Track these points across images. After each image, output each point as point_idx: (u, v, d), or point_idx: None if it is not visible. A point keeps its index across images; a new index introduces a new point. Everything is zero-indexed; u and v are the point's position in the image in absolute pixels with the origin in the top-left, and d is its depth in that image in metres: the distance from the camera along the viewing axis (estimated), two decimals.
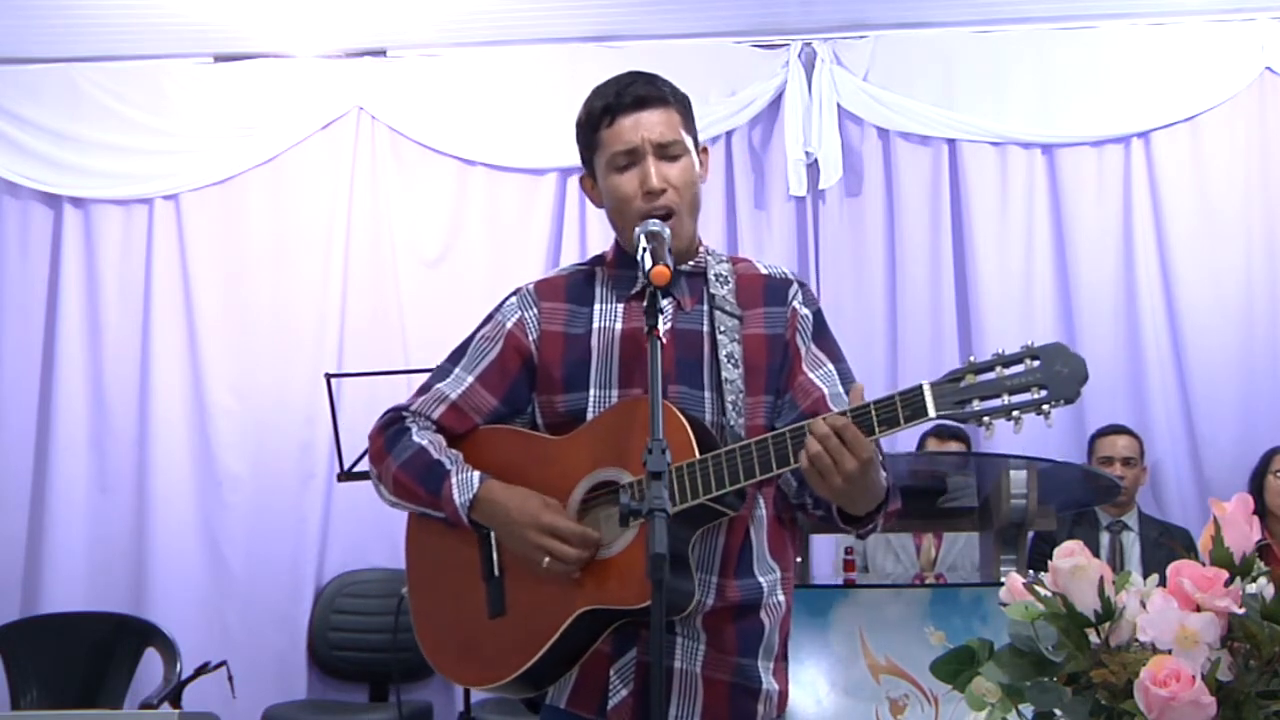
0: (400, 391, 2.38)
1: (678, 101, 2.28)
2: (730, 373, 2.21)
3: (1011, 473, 3.81)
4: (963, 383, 1.96)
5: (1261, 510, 4.69)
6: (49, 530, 5.81)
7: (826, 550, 5.18)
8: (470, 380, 2.32)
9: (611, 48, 5.88)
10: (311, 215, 5.98)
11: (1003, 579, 1.76)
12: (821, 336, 2.31)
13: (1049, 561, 1.63)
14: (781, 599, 2.25)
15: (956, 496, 4.07)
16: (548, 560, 2.14)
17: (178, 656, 5.08)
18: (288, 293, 5.94)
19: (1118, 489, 4.44)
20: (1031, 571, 1.75)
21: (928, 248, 5.81)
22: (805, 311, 2.31)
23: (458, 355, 2.36)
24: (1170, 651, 1.51)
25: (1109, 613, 1.58)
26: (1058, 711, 1.57)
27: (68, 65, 6.02)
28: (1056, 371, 1.92)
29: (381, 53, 6.01)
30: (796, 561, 2.35)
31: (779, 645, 2.26)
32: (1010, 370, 1.95)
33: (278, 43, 5.95)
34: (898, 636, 3.66)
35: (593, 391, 2.25)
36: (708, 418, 2.20)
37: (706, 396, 2.22)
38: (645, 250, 2.14)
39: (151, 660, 5.24)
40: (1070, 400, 1.93)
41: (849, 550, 4.70)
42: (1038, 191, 5.84)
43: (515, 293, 2.36)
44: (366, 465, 2.60)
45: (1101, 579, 1.58)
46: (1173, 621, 1.53)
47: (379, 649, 5.52)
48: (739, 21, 5.84)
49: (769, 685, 2.23)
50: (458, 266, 5.93)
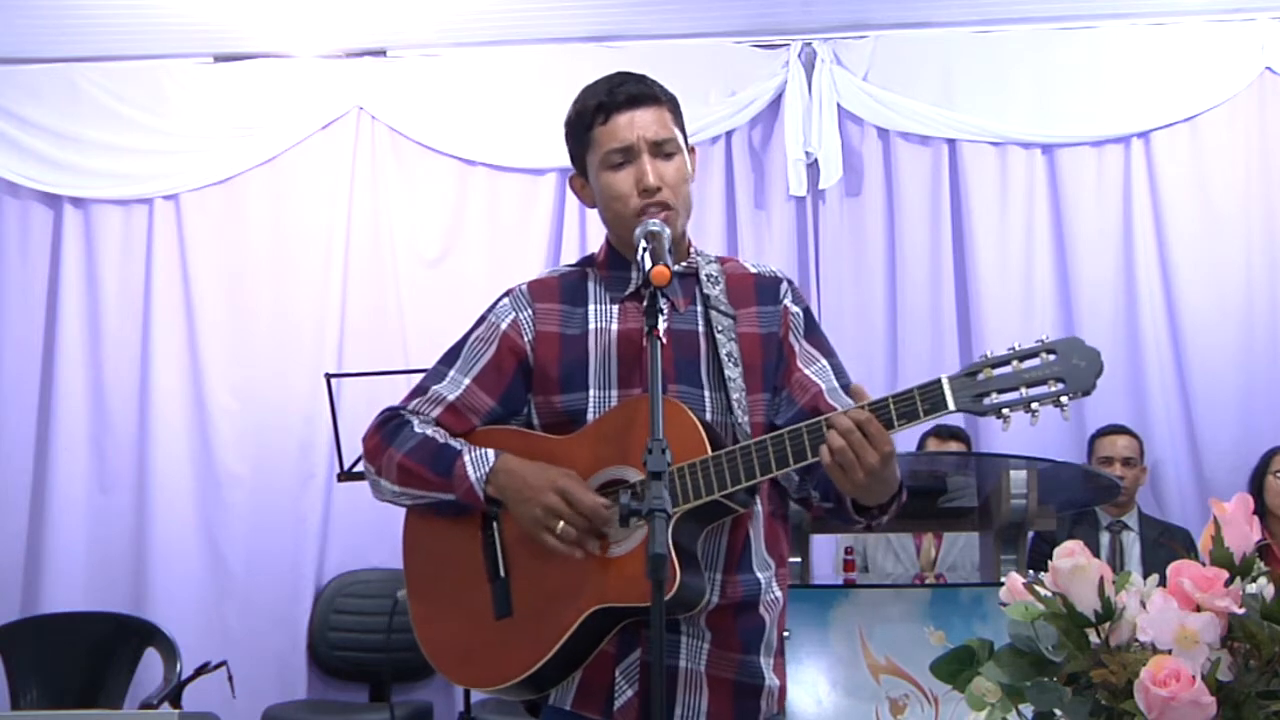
0: (400, 391, 2.37)
1: (668, 100, 2.29)
2: (732, 371, 2.22)
3: (1011, 473, 3.81)
4: (980, 376, 1.99)
5: (1261, 510, 4.70)
6: (49, 530, 5.81)
7: (826, 550, 5.18)
8: (467, 382, 2.32)
9: (611, 48, 5.88)
10: (311, 215, 5.99)
11: (1003, 579, 1.76)
12: (812, 333, 2.34)
13: (1049, 561, 1.63)
14: (778, 594, 2.27)
15: (956, 496, 4.08)
16: (561, 526, 2.11)
17: (178, 656, 5.07)
18: (288, 293, 5.94)
19: (1118, 489, 4.44)
20: (1031, 571, 1.75)
21: (928, 248, 5.81)
22: (796, 309, 2.33)
23: (451, 357, 2.35)
24: (1170, 651, 1.51)
25: (1109, 613, 1.58)
26: (1058, 711, 1.57)
27: (68, 65, 6.02)
28: (1074, 365, 1.94)
29: (381, 53, 6.01)
30: (795, 561, 2.35)
31: (778, 640, 2.27)
32: (1026, 364, 1.97)
33: (278, 43, 5.95)
34: (898, 636, 3.66)
35: (592, 392, 2.25)
36: (709, 417, 2.20)
37: (707, 395, 2.23)
38: (645, 250, 2.14)
39: (151, 660, 5.24)
40: (1087, 393, 1.95)
41: (849, 550, 4.71)
42: (1038, 191, 5.83)
43: (508, 294, 2.36)
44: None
45: (1101, 579, 1.58)
46: (1173, 621, 1.53)
47: (379, 649, 5.53)
48: (739, 21, 5.84)
49: (770, 681, 2.24)
50: (458, 266, 5.93)
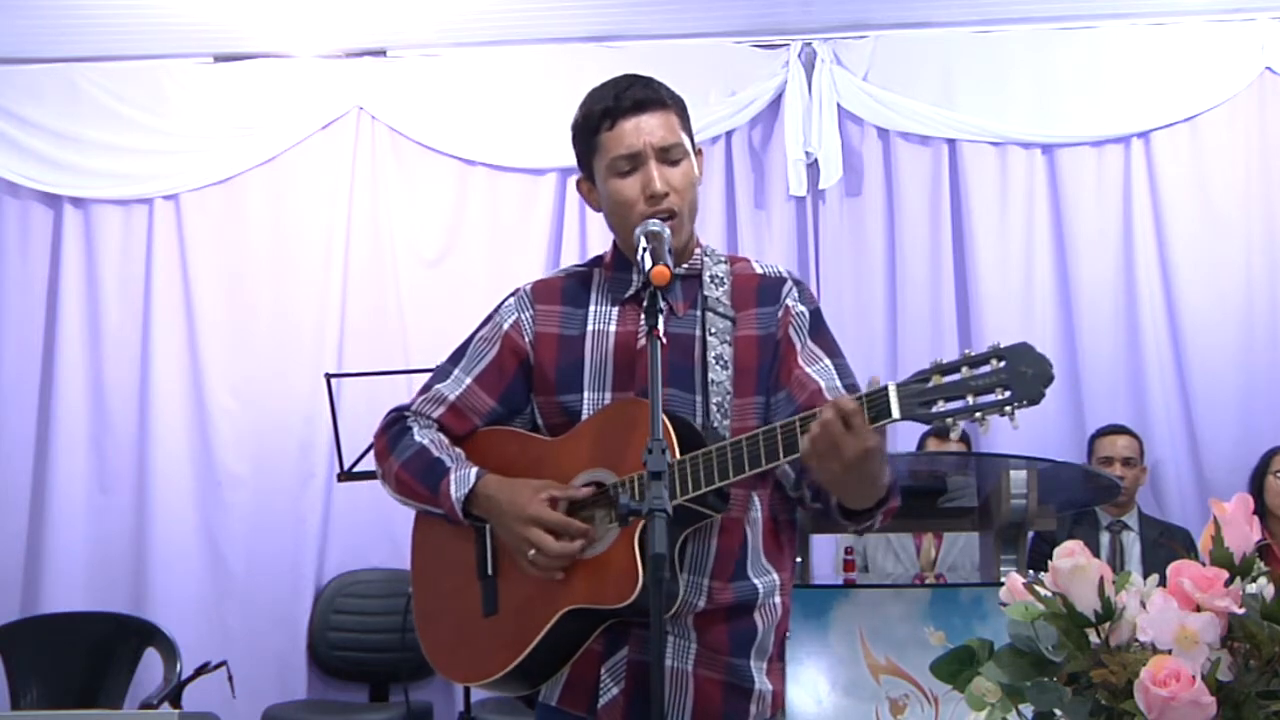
0: (400, 391, 2.38)
1: (675, 104, 2.28)
2: (717, 374, 2.20)
3: (1011, 473, 3.81)
4: (929, 383, 1.93)
5: (1261, 510, 4.69)
6: (49, 530, 5.81)
7: (826, 550, 5.18)
8: (468, 381, 2.33)
9: (611, 48, 5.88)
10: (311, 215, 5.98)
11: (1003, 579, 1.76)
12: (819, 333, 2.30)
13: (1049, 561, 1.63)
14: (779, 602, 2.25)
15: (956, 496, 4.07)
16: (532, 552, 2.14)
17: (178, 656, 5.07)
18: (288, 293, 5.94)
19: (1118, 489, 4.43)
20: (1031, 571, 1.75)
21: (928, 248, 5.81)
22: (801, 308, 2.29)
23: (457, 356, 2.38)
24: (1170, 651, 1.51)
25: (1109, 613, 1.58)
26: (1058, 711, 1.57)
27: (68, 65, 6.02)
28: (1021, 372, 1.87)
29: (381, 53, 6.01)
30: (796, 562, 2.35)
31: (774, 646, 2.25)
32: (976, 371, 1.91)
33: (278, 43, 5.95)
34: (898, 636, 3.66)
35: (587, 394, 2.25)
36: (698, 421, 2.19)
37: (697, 400, 2.22)
38: (645, 250, 2.14)
39: (151, 660, 5.23)
40: (1034, 402, 1.88)
41: (849, 550, 4.71)
42: (1038, 191, 5.83)
43: (513, 294, 2.37)
44: (366, 465, 2.61)
45: (1101, 579, 1.58)
46: (1173, 621, 1.52)
47: (379, 649, 5.53)
48: (739, 21, 5.84)
49: (761, 685, 2.22)
50: (458, 266, 5.93)
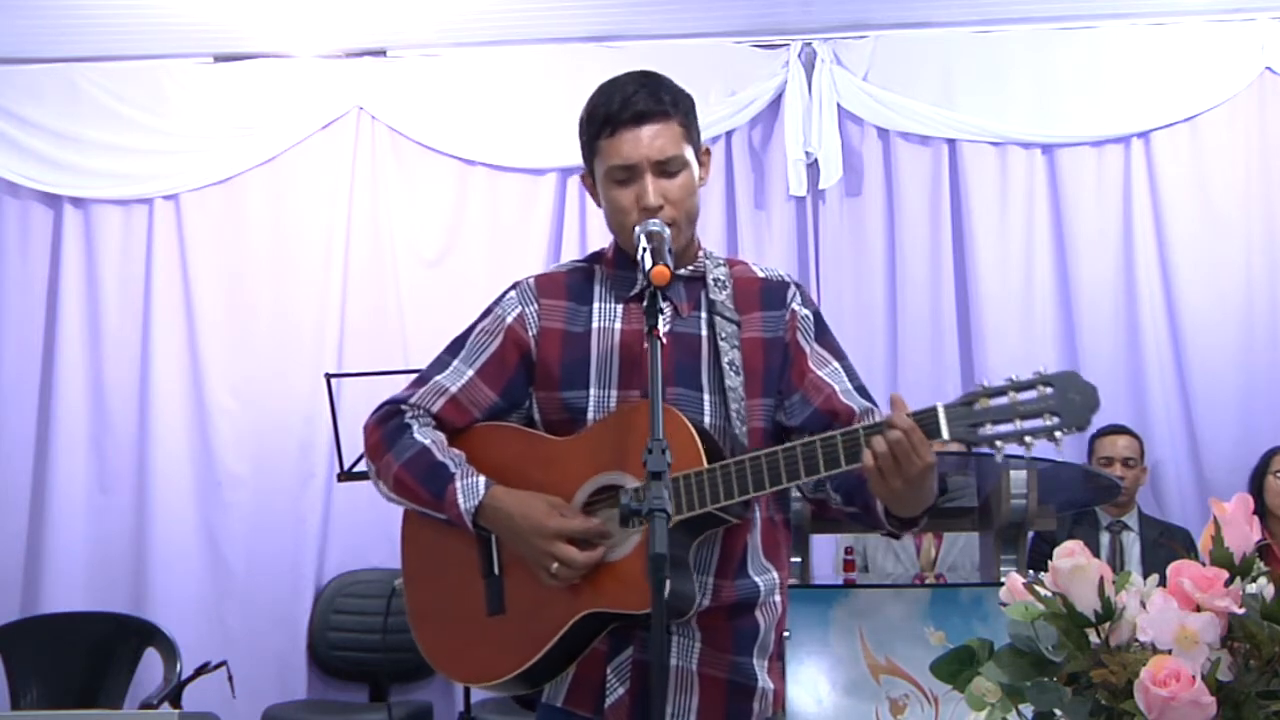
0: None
1: (679, 110, 2.24)
2: (733, 380, 2.21)
3: (1011, 473, 3.81)
4: (976, 406, 1.98)
5: (1261, 510, 4.69)
6: (49, 530, 5.81)
7: (826, 550, 5.18)
8: (470, 374, 2.31)
9: (611, 48, 5.87)
10: (311, 215, 5.98)
11: (1003, 579, 1.76)
12: (823, 336, 2.33)
13: (1049, 561, 1.63)
14: (778, 600, 2.26)
15: (956, 496, 4.07)
16: (556, 566, 2.13)
17: (178, 656, 5.07)
18: (288, 293, 5.94)
19: (1118, 489, 4.44)
20: (1031, 571, 1.75)
21: (928, 248, 5.81)
22: (805, 312, 2.31)
23: (456, 347, 2.35)
24: (1170, 651, 1.51)
25: (1109, 613, 1.58)
26: (1058, 711, 1.57)
27: (68, 65, 6.02)
28: (1070, 399, 1.94)
29: (381, 53, 6.01)
30: (795, 561, 2.35)
31: (774, 644, 2.26)
32: (1023, 395, 1.96)
33: (278, 43, 5.95)
34: (898, 636, 3.66)
35: (593, 391, 2.24)
36: (706, 420, 2.20)
37: (706, 399, 2.23)
38: (645, 250, 2.13)
39: (151, 660, 5.23)
40: (1081, 428, 1.95)
41: (849, 550, 4.70)
42: (1038, 191, 5.83)
43: (515, 286, 2.35)
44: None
45: (1101, 579, 1.58)
46: (1173, 621, 1.52)
47: (379, 649, 5.53)
48: (739, 21, 5.84)
49: (764, 683, 2.23)
50: (458, 266, 5.93)
